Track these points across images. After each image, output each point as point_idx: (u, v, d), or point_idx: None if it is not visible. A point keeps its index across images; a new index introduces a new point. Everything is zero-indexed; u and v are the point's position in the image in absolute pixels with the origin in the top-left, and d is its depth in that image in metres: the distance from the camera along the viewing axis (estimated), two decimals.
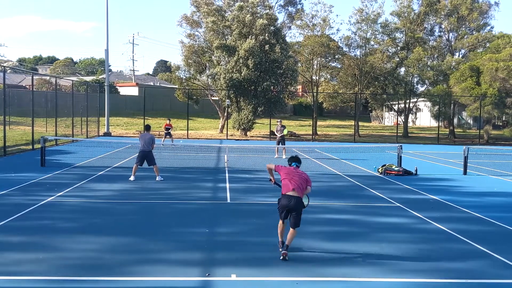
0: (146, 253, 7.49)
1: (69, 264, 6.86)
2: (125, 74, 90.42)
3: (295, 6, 44.80)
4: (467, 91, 37.58)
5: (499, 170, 19.82)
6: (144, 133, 15.02)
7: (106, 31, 37.27)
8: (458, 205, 11.96)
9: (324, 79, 49.05)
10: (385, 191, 13.82)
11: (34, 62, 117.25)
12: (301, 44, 44.78)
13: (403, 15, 43.25)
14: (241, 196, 12.44)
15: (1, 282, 6.17)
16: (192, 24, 42.21)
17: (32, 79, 25.46)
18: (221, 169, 17.84)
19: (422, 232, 9.29)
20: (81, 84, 43.45)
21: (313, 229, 9.19)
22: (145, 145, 14.47)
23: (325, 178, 16.39)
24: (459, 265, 7.32)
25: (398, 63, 43.65)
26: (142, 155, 14.49)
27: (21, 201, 11.02)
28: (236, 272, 6.69)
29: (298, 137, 39.99)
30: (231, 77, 36.15)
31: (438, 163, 22.40)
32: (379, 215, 10.75)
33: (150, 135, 14.75)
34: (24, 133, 29.02)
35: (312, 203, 11.71)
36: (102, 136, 34.97)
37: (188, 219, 9.87)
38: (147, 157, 14.54)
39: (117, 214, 10.18)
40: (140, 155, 14.52)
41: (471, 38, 42.45)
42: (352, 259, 7.50)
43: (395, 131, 42.93)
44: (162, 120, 50.55)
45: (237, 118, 37.68)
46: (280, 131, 23.08)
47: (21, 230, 8.59)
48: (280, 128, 23.18)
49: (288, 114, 67.39)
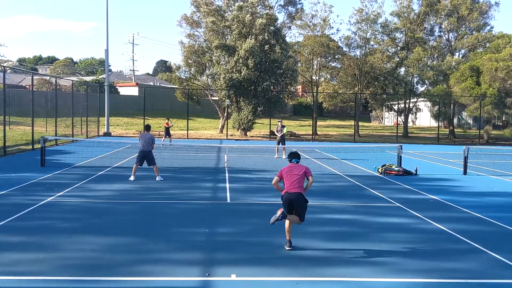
0: (146, 253, 7.49)
1: (69, 264, 6.86)
2: (125, 74, 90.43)
3: (295, 6, 44.82)
4: (467, 91, 37.59)
5: (499, 170, 19.82)
6: (144, 133, 15.03)
7: (106, 31, 37.30)
8: (458, 205, 11.96)
9: (324, 79, 49.07)
10: (385, 191, 13.82)
11: (34, 62, 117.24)
12: (301, 44, 44.80)
13: (403, 15, 43.26)
14: (241, 196, 12.44)
15: (1, 282, 6.17)
16: (192, 24, 42.23)
17: (32, 79, 25.49)
18: (221, 169, 17.84)
19: (422, 232, 9.29)
20: (81, 84, 43.45)
21: (313, 229, 9.19)
22: (145, 145, 14.48)
23: (325, 178, 16.39)
24: (459, 265, 7.32)
25: (398, 63, 43.66)
26: (142, 155, 14.50)
27: (21, 201, 11.02)
28: (236, 272, 6.69)
29: (298, 137, 39.99)
30: (231, 77, 36.16)
31: (438, 163, 22.40)
32: (379, 215, 10.75)
33: (150, 135, 14.75)
34: (24, 133, 29.02)
35: (312, 203, 11.71)
36: (102, 136, 34.98)
37: (188, 219, 9.87)
38: (147, 157, 14.54)
39: (117, 214, 10.17)
40: (140, 155, 14.52)
41: (471, 38, 42.46)
42: (352, 259, 7.50)
43: (395, 131, 42.93)
44: (161, 120, 50.59)
45: (237, 118, 37.68)
46: (280, 131, 23.14)
47: (21, 230, 8.59)
48: (280, 128, 23.23)
49: (288, 114, 67.40)
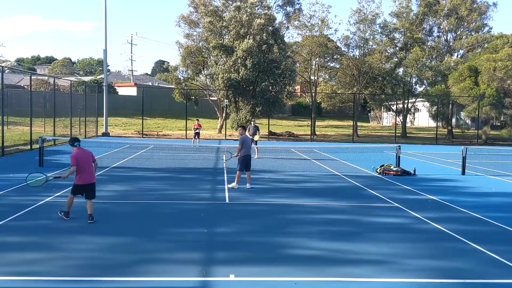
0: (145, 253, 7.49)
1: (68, 264, 6.86)
2: (123, 74, 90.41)
3: (293, 6, 44.84)
4: (465, 91, 37.65)
5: (497, 170, 19.86)
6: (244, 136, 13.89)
7: (105, 31, 37.25)
8: (457, 205, 11.98)
9: (323, 79, 49.11)
10: (384, 191, 13.84)
11: (32, 62, 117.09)
12: (300, 44, 44.81)
13: (402, 16, 43.33)
14: (240, 196, 12.44)
15: (0, 282, 6.16)
16: (190, 24, 42.23)
17: (30, 79, 25.53)
18: (219, 170, 17.84)
19: (421, 232, 9.30)
20: (80, 84, 43.41)
21: (312, 229, 9.20)
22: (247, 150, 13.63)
23: (323, 178, 16.41)
24: (458, 265, 7.34)
25: (397, 64, 43.70)
26: (247, 159, 13.71)
27: (19, 201, 11.01)
28: (235, 272, 6.70)
29: (297, 137, 40.03)
30: (229, 77, 36.16)
31: (437, 163, 22.44)
32: (377, 215, 10.76)
33: (250, 138, 13.81)
34: (22, 133, 28.98)
35: (310, 203, 11.75)
36: (100, 136, 34.94)
37: (187, 219, 9.87)
38: (249, 161, 13.75)
39: (116, 214, 10.17)
40: (245, 159, 13.67)
41: (470, 39, 42.55)
42: (351, 259, 7.50)
43: (393, 131, 42.97)
44: (160, 121, 50.63)
45: (236, 118, 37.67)
46: (254, 134, 21.31)
47: (19, 231, 8.58)
48: (253, 130, 21.52)
49: (287, 114, 67.43)
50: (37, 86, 46.99)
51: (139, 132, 38.27)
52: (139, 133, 37.83)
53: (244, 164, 13.60)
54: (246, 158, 13.60)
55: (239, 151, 13.58)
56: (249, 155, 13.72)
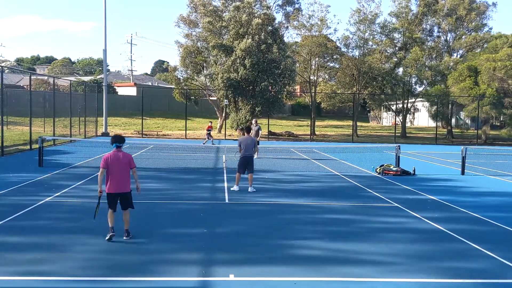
0: (145, 253, 7.49)
1: (68, 264, 6.85)
2: (123, 74, 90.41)
3: (293, 5, 44.84)
4: (465, 91, 37.66)
5: (497, 170, 19.87)
6: (245, 137, 13.71)
7: (104, 31, 37.24)
8: (456, 205, 11.98)
9: (322, 79, 49.10)
10: (383, 191, 13.84)
11: (32, 62, 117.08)
12: (299, 44, 44.80)
13: (401, 16, 43.33)
14: (240, 196, 12.44)
15: (0, 282, 6.16)
16: (190, 24, 42.22)
17: (30, 79, 25.50)
18: (219, 169, 17.84)
19: (421, 232, 9.30)
20: (79, 84, 43.38)
21: (312, 229, 9.20)
22: (247, 150, 13.45)
23: (323, 178, 16.41)
24: (458, 265, 7.34)
25: (396, 63, 43.70)
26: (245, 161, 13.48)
27: (19, 201, 10.99)
28: (234, 272, 6.70)
29: (296, 137, 40.03)
30: (229, 77, 36.14)
31: (436, 163, 22.44)
32: (378, 215, 10.76)
33: (252, 139, 13.68)
34: (22, 133, 28.97)
35: (310, 203, 11.75)
36: (100, 136, 34.93)
37: (187, 219, 9.87)
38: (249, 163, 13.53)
39: (116, 214, 10.13)
40: (242, 160, 13.47)
41: (469, 38, 42.55)
42: (351, 259, 7.50)
43: (393, 131, 42.97)
44: (160, 120, 50.62)
45: (235, 118, 37.66)
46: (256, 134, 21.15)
47: (19, 231, 8.58)
48: (255, 128, 21.36)
49: (287, 114, 67.44)
50: (37, 86, 46.96)
51: (139, 132, 38.27)
52: (139, 133, 37.83)
53: (242, 166, 13.45)
54: (243, 160, 13.42)
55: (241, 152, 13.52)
56: (247, 156, 13.39)
